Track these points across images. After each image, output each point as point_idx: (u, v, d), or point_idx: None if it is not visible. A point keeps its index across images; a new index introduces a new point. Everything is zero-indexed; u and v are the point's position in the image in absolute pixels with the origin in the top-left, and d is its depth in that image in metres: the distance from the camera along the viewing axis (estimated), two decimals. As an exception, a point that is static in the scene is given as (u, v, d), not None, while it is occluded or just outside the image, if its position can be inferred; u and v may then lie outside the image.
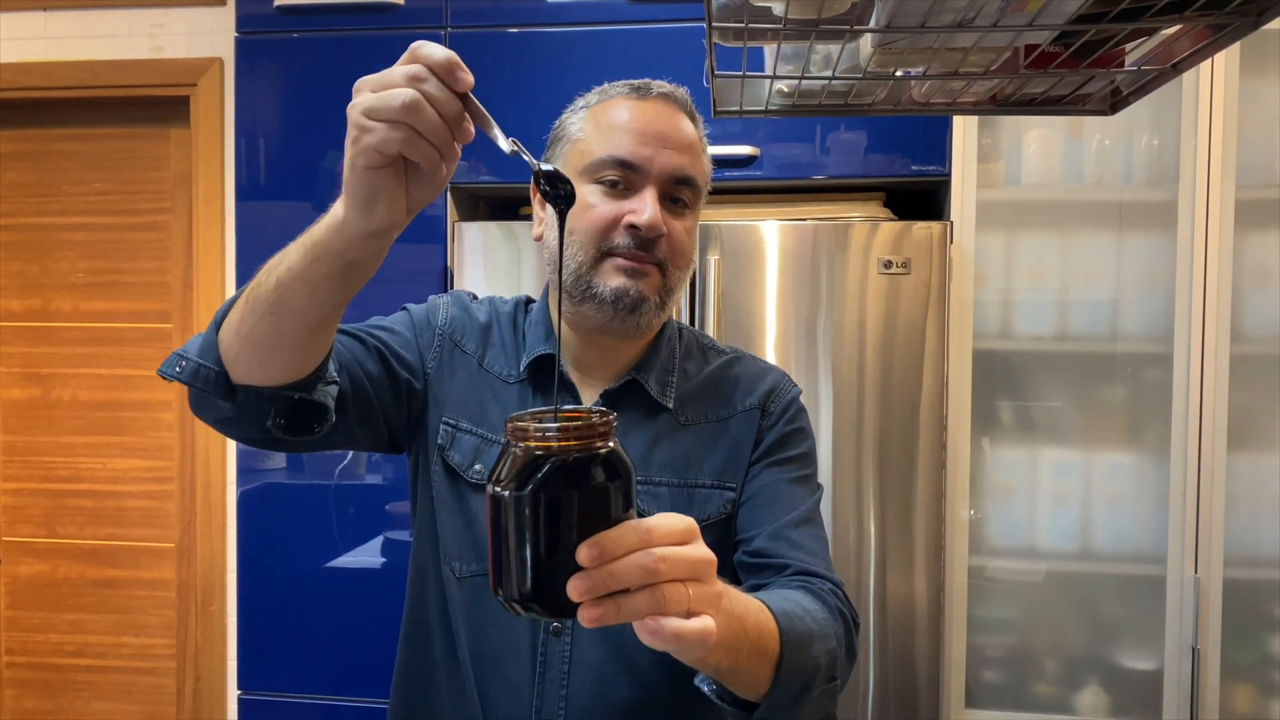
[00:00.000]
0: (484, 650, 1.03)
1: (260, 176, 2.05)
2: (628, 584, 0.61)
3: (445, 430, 1.07)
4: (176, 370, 0.89)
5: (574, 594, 0.60)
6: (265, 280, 0.83)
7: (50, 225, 2.56)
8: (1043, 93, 0.98)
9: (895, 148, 1.92)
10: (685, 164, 1.03)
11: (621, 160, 1.01)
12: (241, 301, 0.85)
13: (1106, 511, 1.94)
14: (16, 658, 2.62)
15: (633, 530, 0.62)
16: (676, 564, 0.62)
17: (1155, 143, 1.93)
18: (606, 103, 1.06)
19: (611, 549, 0.61)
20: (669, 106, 1.05)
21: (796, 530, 1.03)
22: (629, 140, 1.02)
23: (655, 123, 1.03)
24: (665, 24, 1.94)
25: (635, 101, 1.04)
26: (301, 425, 0.93)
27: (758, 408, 1.10)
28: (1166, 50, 0.89)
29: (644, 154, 1.01)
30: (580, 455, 0.61)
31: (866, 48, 0.86)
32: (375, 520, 2.04)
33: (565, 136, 1.08)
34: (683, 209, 1.05)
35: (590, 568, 0.60)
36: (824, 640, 0.89)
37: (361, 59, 2.00)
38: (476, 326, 1.13)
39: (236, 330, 0.85)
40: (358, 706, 2.02)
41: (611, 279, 1.01)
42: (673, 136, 1.03)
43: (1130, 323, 1.95)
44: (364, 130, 0.72)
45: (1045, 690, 1.97)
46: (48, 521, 2.59)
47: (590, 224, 1.01)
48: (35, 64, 2.46)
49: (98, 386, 2.56)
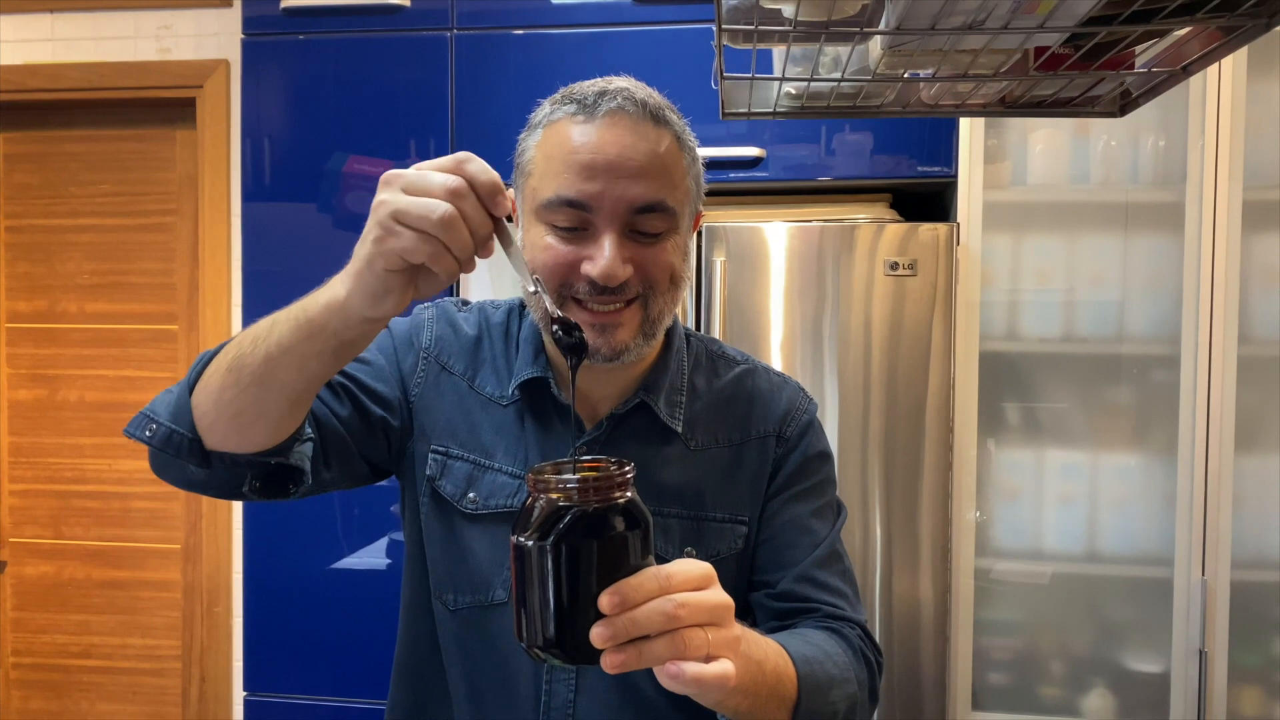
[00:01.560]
0: (482, 684, 1.00)
1: (266, 178, 2.05)
2: (649, 630, 0.62)
3: (435, 459, 1.01)
4: (146, 434, 0.85)
5: (597, 641, 0.62)
6: (250, 353, 0.79)
7: (57, 227, 2.56)
8: (1052, 94, 0.98)
9: (901, 149, 1.92)
10: (646, 191, 0.89)
11: (569, 200, 0.89)
12: (223, 371, 0.82)
13: (1113, 513, 1.94)
14: (23, 658, 2.62)
15: (652, 577, 0.63)
16: (695, 609, 0.64)
17: (1162, 144, 1.93)
18: (553, 125, 0.92)
19: (632, 596, 0.62)
20: (621, 122, 0.89)
21: (821, 570, 0.99)
22: (575, 176, 0.88)
23: (605, 148, 0.88)
24: (671, 25, 1.94)
25: (580, 125, 0.90)
26: (277, 487, 0.91)
27: (773, 434, 1.04)
28: (1177, 52, 0.89)
29: (593, 190, 0.88)
30: (600, 506, 0.63)
31: (876, 49, 0.86)
32: (379, 521, 2.04)
33: (521, 167, 0.97)
34: (655, 238, 0.91)
35: (612, 615, 0.62)
36: (844, 685, 0.88)
37: (367, 60, 2.01)
38: (465, 343, 1.04)
39: (216, 399, 0.82)
40: (363, 708, 2.02)
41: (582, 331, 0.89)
42: (627, 162, 0.88)
43: (1137, 324, 1.95)
44: (391, 233, 0.69)
45: (1052, 692, 1.96)
46: (54, 523, 2.59)
47: (546, 269, 0.90)
48: (42, 66, 2.47)
49: (104, 388, 2.57)
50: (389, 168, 2.34)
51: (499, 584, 0.98)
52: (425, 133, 1.99)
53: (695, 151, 0.97)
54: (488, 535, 0.98)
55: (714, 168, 1.91)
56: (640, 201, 0.89)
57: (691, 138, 0.96)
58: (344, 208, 2.02)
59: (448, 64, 1.98)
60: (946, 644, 1.83)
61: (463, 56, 1.98)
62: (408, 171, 0.70)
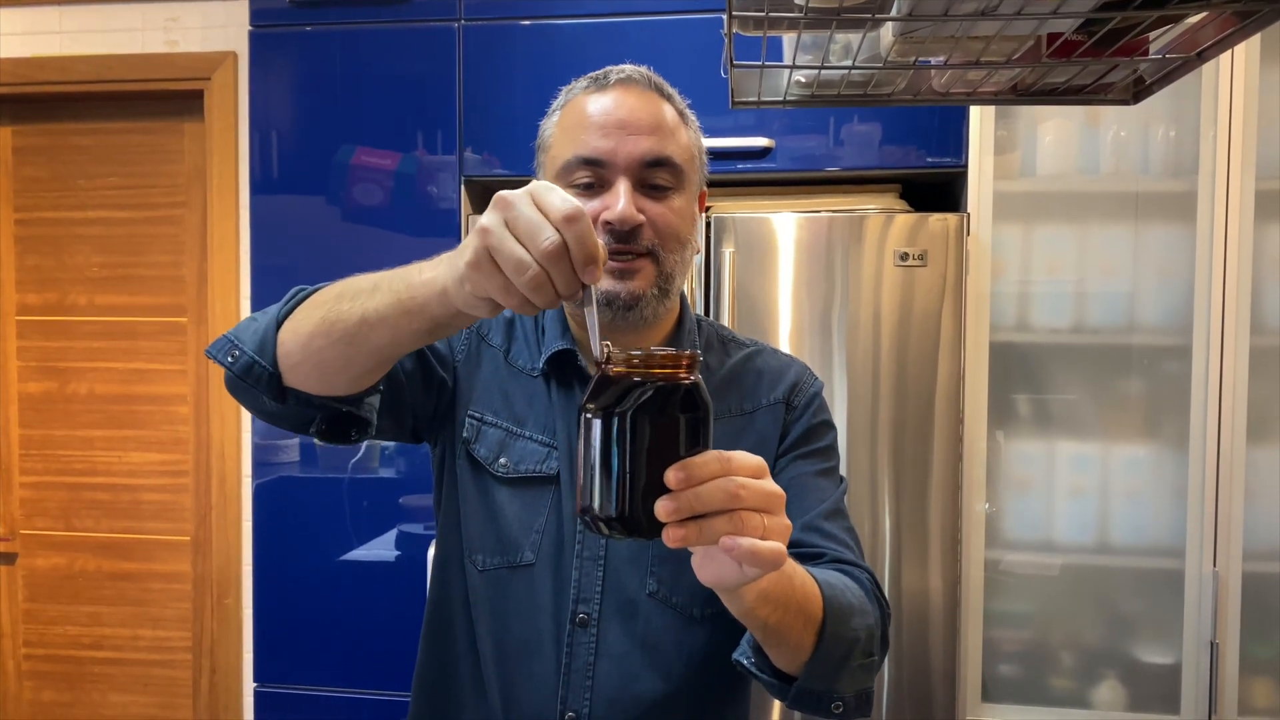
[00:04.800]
0: (507, 644, 1.03)
1: (274, 170, 2.05)
2: (710, 508, 0.64)
3: (470, 423, 1.07)
4: (229, 360, 0.89)
5: (661, 514, 0.64)
6: (347, 311, 0.82)
7: (66, 220, 2.57)
8: (1065, 82, 0.97)
9: (911, 139, 1.91)
10: (654, 145, 0.99)
11: (586, 159, 0.99)
12: (315, 319, 0.85)
13: (1124, 505, 1.93)
14: (35, 650, 2.63)
15: (715, 458, 0.65)
16: (755, 493, 0.66)
17: (1173, 134, 1.92)
18: (570, 102, 1.04)
19: (697, 473, 0.64)
20: (630, 89, 1.01)
21: (828, 522, 1.03)
22: (590, 136, 0.99)
23: (615, 111, 1.00)
24: (680, 15, 1.93)
25: (593, 94, 1.02)
26: (341, 433, 0.96)
27: (782, 402, 1.09)
28: (1191, 38, 0.88)
29: (606, 147, 0.98)
30: (671, 384, 0.66)
31: (887, 37, 0.85)
32: (389, 513, 2.04)
33: (543, 145, 1.07)
34: (663, 192, 1.01)
35: (677, 490, 0.64)
36: (863, 615, 0.91)
37: (375, 52, 2.01)
38: (501, 320, 1.11)
39: (305, 345, 0.85)
40: (373, 699, 2.03)
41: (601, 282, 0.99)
42: (636, 120, 0.99)
43: (1148, 315, 1.94)
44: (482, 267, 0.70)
45: (1062, 684, 1.96)
46: (65, 515, 2.60)
47: None
48: (50, 59, 2.47)
49: (113, 380, 2.57)
50: (397, 159, 2.34)
51: (527, 546, 1.03)
52: (433, 124, 1.99)
53: (697, 127, 1.07)
54: (518, 498, 1.04)
55: (723, 158, 1.90)
56: (650, 155, 0.99)
57: (693, 116, 1.07)
58: (352, 199, 2.02)
59: (455, 55, 1.98)
60: (956, 636, 1.83)
61: (470, 47, 1.98)
62: (522, 203, 0.69)
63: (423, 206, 2.00)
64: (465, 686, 1.06)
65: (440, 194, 2.00)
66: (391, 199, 2.01)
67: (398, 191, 2.01)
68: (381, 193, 2.02)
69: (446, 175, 1.99)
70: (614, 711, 1.00)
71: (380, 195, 2.02)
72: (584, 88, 1.03)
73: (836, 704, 0.90)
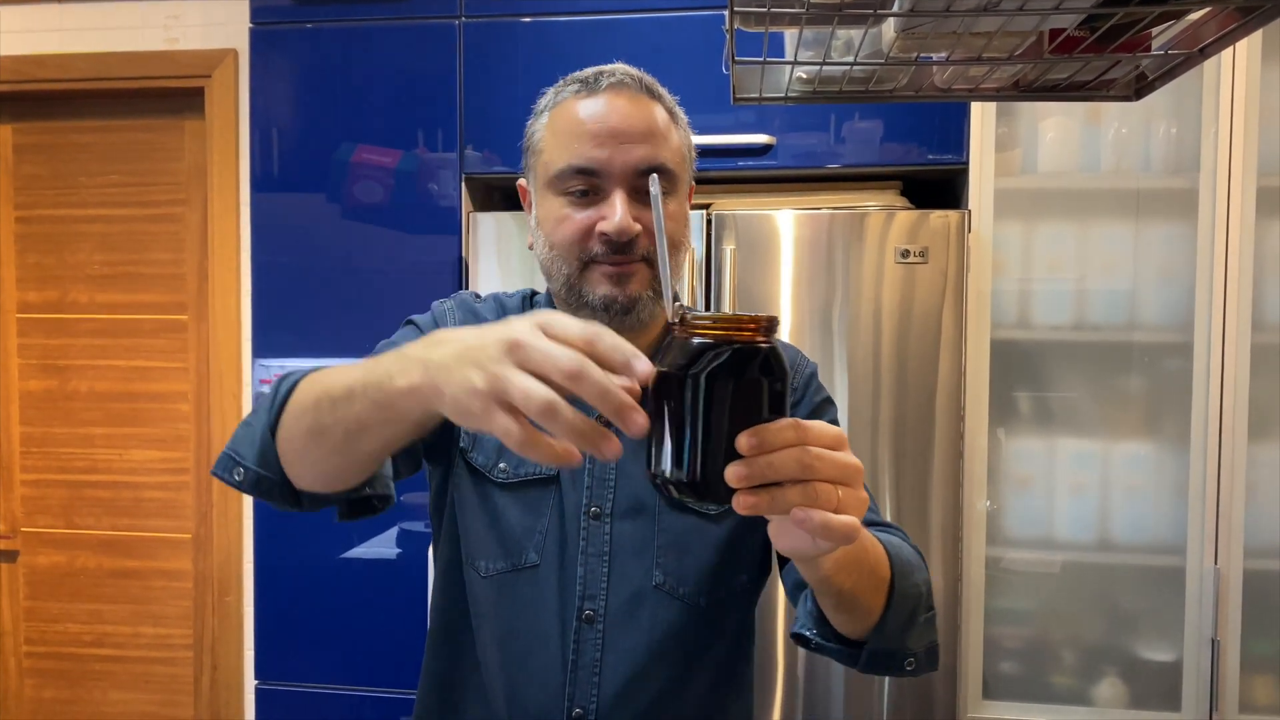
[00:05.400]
0: (513, 647, 1.03)
1: (275, 168, 2.05)
2: (783, 476, 0.63)
3: (466, 433, 1.06)
4: (236, 479, 0.90)
5: (732, 480, 0.62)
6: (331, 423, 0.79)
7: (67, 217, 2.57)
8: (1067, 78, 0.97)
9: (912, 136, 1.91)
10: (648, 153, 0.99)
11: (580, 168, 0.98)
12: (303, 429, 0.83)
13: (1125, 502, 1.93)
14: (36, 647, 2.63)
15: (791, 426, 0.64)
16: (830, 464, 0.64)
17: (1174, 131, 1.91)
18: (559, 105, 1.03)
19: (771, 440, 0.62)
20: (622, 94, 1.00)
21: None
22: (584, 145, 0.98)
23: (609, 118, 0.99)
24: (680, 11, 1.92)
25: (585, 99, 1.01)
26: (366, 509, 0.98)
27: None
28: (1194, 34, 0.88)
29: (601, 156, 0.98)
30: (749, 346, 0.64)
31: (889, 32, 0.85)
32: (389, 511, 2.03)
33: (532, 148, 1.06)
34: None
35: (749, 456, 0.62)
36: (921, 570, 0.92)
37: (375, 49, 2.01)
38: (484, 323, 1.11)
39: (301, 457, 0.85)
40: (374, 696, 2.03)
41: (599, 287, 1.00)
42: (630, 128, 0.99)
43: (1149, 312, 1.93)
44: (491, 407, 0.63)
45: (1063, 681, 1.96)
46: (65, 512, 2.60)
47: (565, 237, 1.00)
48: (50, 56, 2.47)
49: (114, 378, 2.57)
50: (397, 157, 2.33)
51: (531, 548, 1.03)
52: (434, 122, 1.99)
53: (686, 124, 1.07)
54: (519, 502, 1.04)
55: (724, 155, 1.90)
56: (644, 163, 0.98)
57: (681, 112, 1.07)
58: (353, 197, 2.02)
59: (456, 52, 1.98)
60: (958, 633, 1.83)
61: (471, 44, 1.98)
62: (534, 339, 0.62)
63: (423, 204, 2.00)
64: (470, 690, 1.06)
65: (441, 191, 1.99)
66: (392, 197, 2.01)
67: (398, 189, 2.01)
68: (382, 190, 2.01)
69: (447, 173, 1.99)
70: (622, 706, 1.00)
71: (381, 193, 2.01)
72: (574, 91, 1.02)
73: (909, 660, 0.91)
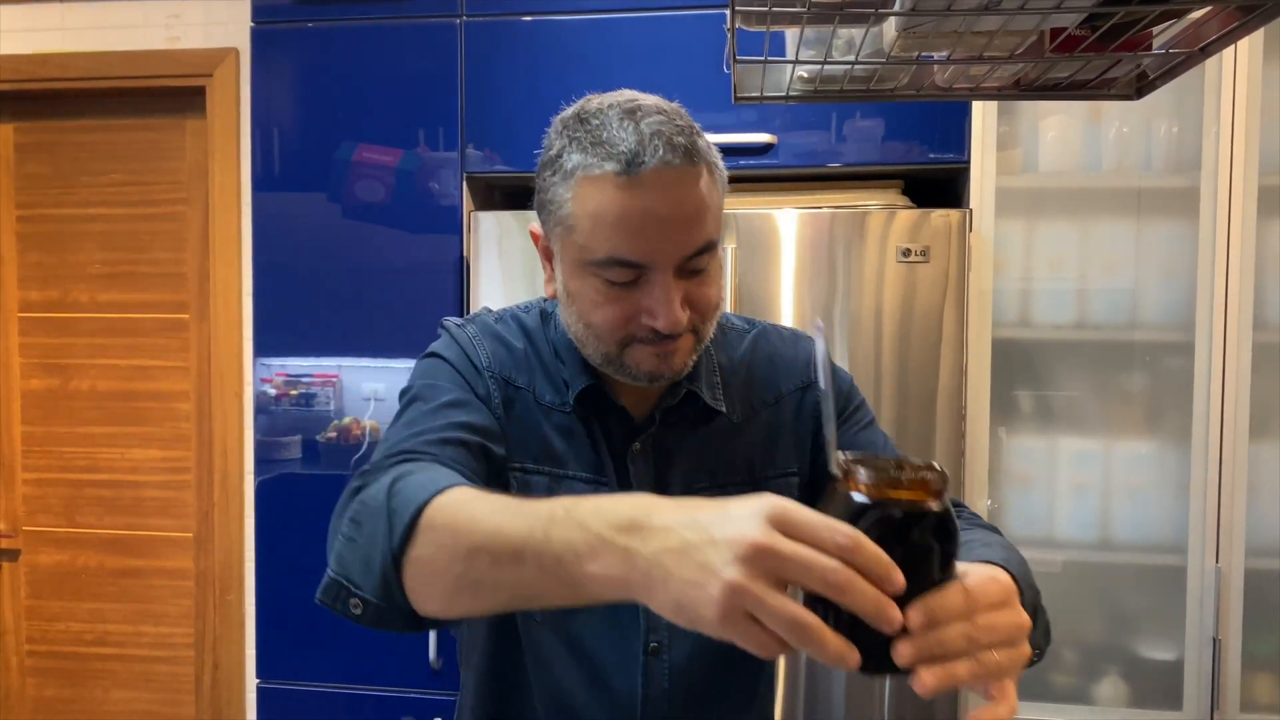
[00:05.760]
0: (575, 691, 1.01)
1: (276, 167, 2.05)
2: (952, 653, 0.60)
3: (515, 478, 1.00)
4: (355, 611, 0.84)
5: (902, 659, 0.59)
6: (492, 580, 0.73)
7: (68, 216, 2.57)
8: (1068, 77, 0.97)
9: (913, 135, 1.91)
10: (696, 237, 0.90)
11: (624, 261, 0.89)
12: (452, 578, 0.75)
13: (1126, 501, 1.93)
14: (37, 646, 2.64)
15: (959, 595, 0.61)
16: (999, 632, 0.63)
17: (1175, 130, 1.91)
18: (592, 181, 0.89)
19: (939, 614, 0.60)
20: (667, 175, 0.87)
21: None
22: (627, 238, 0.88)
23: (656, 206, 0.87)
24: (681, 11, 1.92)
25: (626, 188, 0.87)
26: None
27: (801, 386, 1.10)
28: (1195, 33, 0.88)
29: (647, 249, 0.89)
30: (921, 510, 0.59)
31: (890, 32, 0.85)
32: (392, 510, 2.04)
33: (552, 208, 0.93)
34: (701, 273, 0.94)
35: (917, 631, 0.59)
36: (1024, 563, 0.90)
37: (376, 48, 2.01)
38: (518, 357, 1.04)
39: (444, 600, 0.77)
40: (375, 695, 2.03)
41: (643, 363, 0.94)
42: (679, 214, 0.89)
43: (1150, 311, 1.93)
44: (735, 620, 0.57)
45: (1064, 680, 1.96)
46: (67, 511, 2.61)
47: (605, 324, 0.93)
48: (52, 55, 2.47)
49: (116, 377, 2.57)
50: (398, 156, 2.32)
51: None
52: (435, 121, 1.99)
53: (721, 167, 0.97)
54: None
55: (725, 154, 1.89)
56: (693, 249, 0.90)
57: (716, 154, 0.95)
58: (354, 196, 2.02)
59: (457, 51, 1.98)
60: (958, 632, 1.83)
61: (472, 43, 1.98)
62: (782, 545, 0.57)
63: (424, 203, 2.00)
64: None
65: (442, 191, 1.99)
66: (393, 196, 2.01)
67: (399, 188, 2.01)
68: (383, 189, 2.01)
69: (448, 172, 1.99)
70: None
71: (382, 192, 2.01)
72: (613, 172, 0.87)
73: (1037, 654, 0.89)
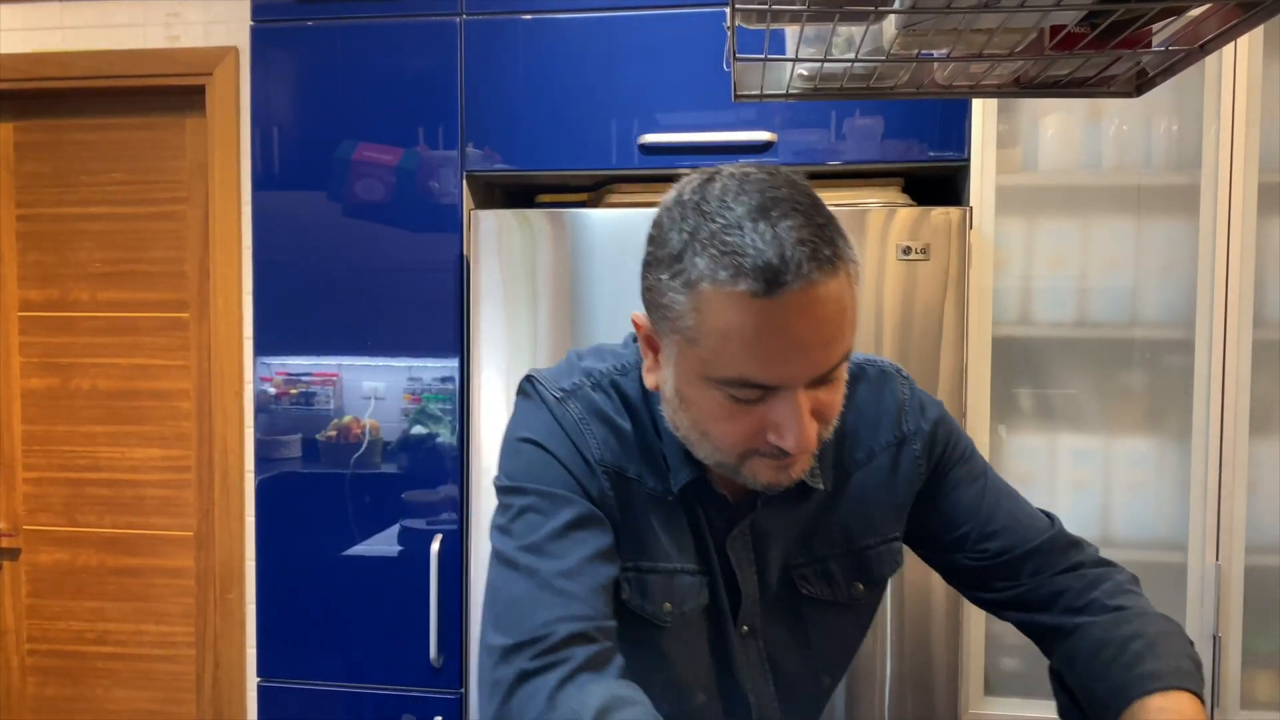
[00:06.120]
0: None
1: (276, 165, 2.05)
2: None
3: (629, 580, 0.94)
4: None
5: None
6: None
7: (68, 215, 2.57)
8: (1068, 75, 0.97)
9: (913, 133, 1.91)
10: (836, 353, 0.81)
11: (754, 383, 0.80)
12: None
13: (1126, 498, 1.93)
14: (38, 645, 2.64)
15: None
16: None
17: (1175, 127, 1.91)
18: (722, 296, 0.77)
19: None
20: (809, 294, 0.76)
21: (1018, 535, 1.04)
22: (761, 363, 0.78)
23: (796, 328, 0.77)
24: (681, 9, 1.92)
25: (763, 311, 0.76)
26: None
27: (894, 443, 1.03)
28: (1194, 30, 0.88)
29: (783, 373, 0.79)
30: None
31: (890, 29, 0.85)
32: (392, 509, 2.04)
33: (667, 312, 0.82)
34: (833, 380, 0.85)
35: None
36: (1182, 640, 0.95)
37: (376, 46, 2.01)
38: (627, 441, 0.95)
39: None
40: (376, 693, 2.03)
41: (761, 474, 0.86)
42: (820, 336, 0.79)
43: (1151, 308, 1.93)
44: None
45: (1064, 678, 1.96)
46: (67, 510, 2.61)
47: (725, 438, 0.85)
48: (51, 54, 2.47)
49: (116, 376, 2.58)
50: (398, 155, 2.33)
51: (698, 687, 0.98)
52: (435, 119, 1.99)
53: (857, 259, 0.85)
54: (680, 640, 0.96)
55: (725, 152, 1.90)
56: (830, 365, 0.81)
57: (852, 247, 0.84)
58: (354, 195, 2.02)
59: (457, 49, 1.98)
60: (959, 629, 1.83)
61: (472, 42, 1.98)
62: None
63: (424, 202, 2.00)
64: None
65: (442, 189, 1.99)
66: (393, 194, 2.01)
67: (399, 187, 2.01)
68: (383, 188, 2.01)
69: (448, 170, 1.99)
70: None
71: (382, 191, 2.01)
72: (748, 291, 0.76)
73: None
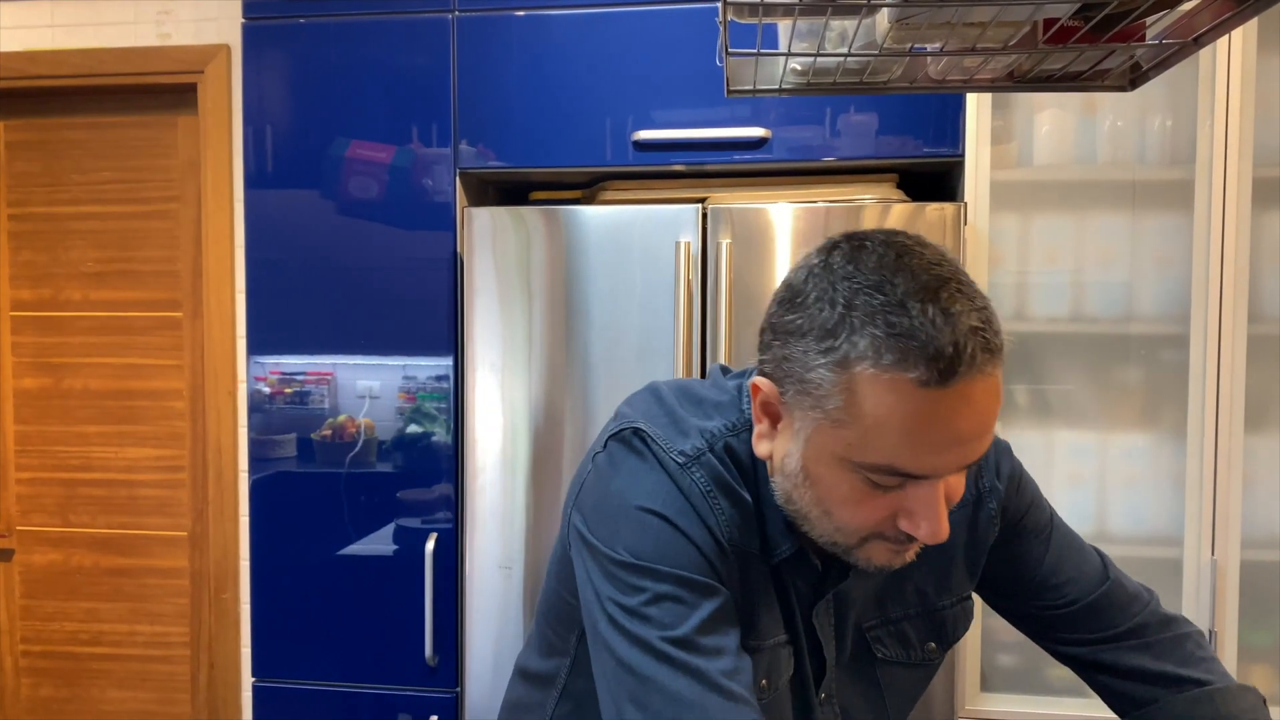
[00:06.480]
0: None
1: (268, 163, 2.04)
2: None
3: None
4: None
5: None
6: None
7: (60, 214, 2.56)
8: (1061, 69, 0.97)
9: (907, 129, 1.91)
10: (986, 445, 0.76)
11: (903, 472, 0.75)
12: None
13: (1122, 494, 1.93)
14: (32, 646, 2.63)
15: None
16: None
17: (1169, 122, 1.91)
18: (880, 380, 0.72)
19: None
20: (979, 385, 0.73)
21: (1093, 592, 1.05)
22: (915, 454, 0.74)
23: (959, 421, 0.72)
24: (674, 4, 1.92)
25: (930, 398, 0.71)
26: None
27: (971, 501, 1.00)
28: (1188, 24, 0.87)
29: (937, 465, 0.75)
30: None
31: (883, 23, 0.85)
32: (387, 508, 2.04)
33: (807, 385, 0.77)
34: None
35: None
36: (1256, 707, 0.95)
37: (369, 43, 2.00)
38: (748, 514, 0.89)
39: None
40: (371, 693, 2.03)
41: (876, 556, 0.83)
42: (980, 429, 0.74)
43: (1146, 304, 1.93)
44: None
45: (1061, 674, 1.96)
46: (61, 510, 2.60)
47: (853, 522, 0.80)
48: (42, 52, 2.46)
49: (109, 375, 2.57)
50: (391, 152, 2.32)
51: None
52: (428, 116, 1.98)
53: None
54: (774, 710, 0.94)
55: (719, 148, 1.89)
56: (979, 456, 0.77)
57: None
58: (347, 193, 2.01)
59: (450, 46, 1.97)
60: (954, 626, 1.83)
61: (465, 38, 1.97)
62: None
63: (418, 199, 1.99)
64: None
65: (435, 187, 1.99)
66: (386, 192, 2.00)
67: (392, 184, 2.00)
68: (376, 186, 2.01)
69: (441, 168, 1.98)
70: None
71: (375, 188, 2.01)
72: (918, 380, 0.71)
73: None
